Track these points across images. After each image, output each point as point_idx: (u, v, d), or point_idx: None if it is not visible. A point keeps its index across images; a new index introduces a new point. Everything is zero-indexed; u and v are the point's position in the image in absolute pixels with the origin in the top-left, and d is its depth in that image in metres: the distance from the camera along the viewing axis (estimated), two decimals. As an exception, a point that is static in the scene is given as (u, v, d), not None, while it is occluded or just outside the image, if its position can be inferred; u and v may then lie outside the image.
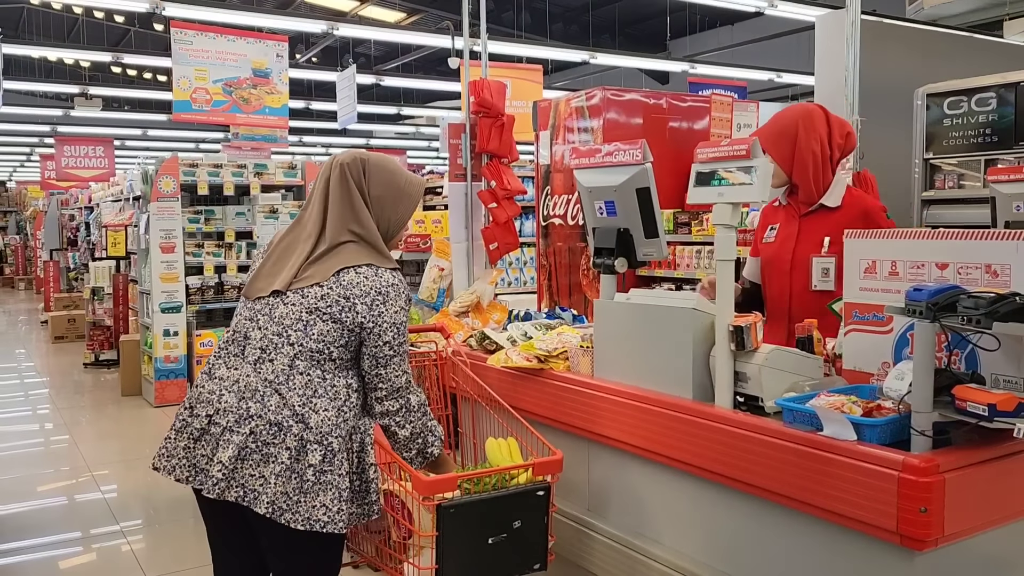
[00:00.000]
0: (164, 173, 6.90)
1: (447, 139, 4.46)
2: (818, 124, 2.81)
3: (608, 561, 2.60)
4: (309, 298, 2.06)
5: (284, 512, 1.97)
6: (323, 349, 2.05)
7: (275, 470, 1.97)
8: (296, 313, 2.06)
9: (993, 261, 1.98)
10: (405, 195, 2.22)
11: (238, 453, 1.98)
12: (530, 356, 2.88)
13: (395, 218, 2.21)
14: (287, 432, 1.99)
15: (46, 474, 5.29)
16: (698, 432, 2.25)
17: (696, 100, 5.20)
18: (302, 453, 1.99)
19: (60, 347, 10.63)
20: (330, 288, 2.06)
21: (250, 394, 2.03)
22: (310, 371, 2.04)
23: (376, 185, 2.18)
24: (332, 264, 2.09)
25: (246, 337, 2.11)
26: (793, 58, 11.89)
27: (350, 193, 2.15)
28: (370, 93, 15.21)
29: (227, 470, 1.98)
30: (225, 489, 1.98)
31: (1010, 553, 1.97)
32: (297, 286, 2.08)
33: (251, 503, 1.97)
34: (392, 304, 2.09)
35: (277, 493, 1.97)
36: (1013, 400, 1.73)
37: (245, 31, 7.98)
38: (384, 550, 2.42)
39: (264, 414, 2.00)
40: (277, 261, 2.16)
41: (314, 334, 2.04)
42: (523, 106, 8.40)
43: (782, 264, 2.89)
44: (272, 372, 2.04)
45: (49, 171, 17.16)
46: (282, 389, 2.02)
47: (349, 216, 2.14)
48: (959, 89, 5.22)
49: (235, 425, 2.00)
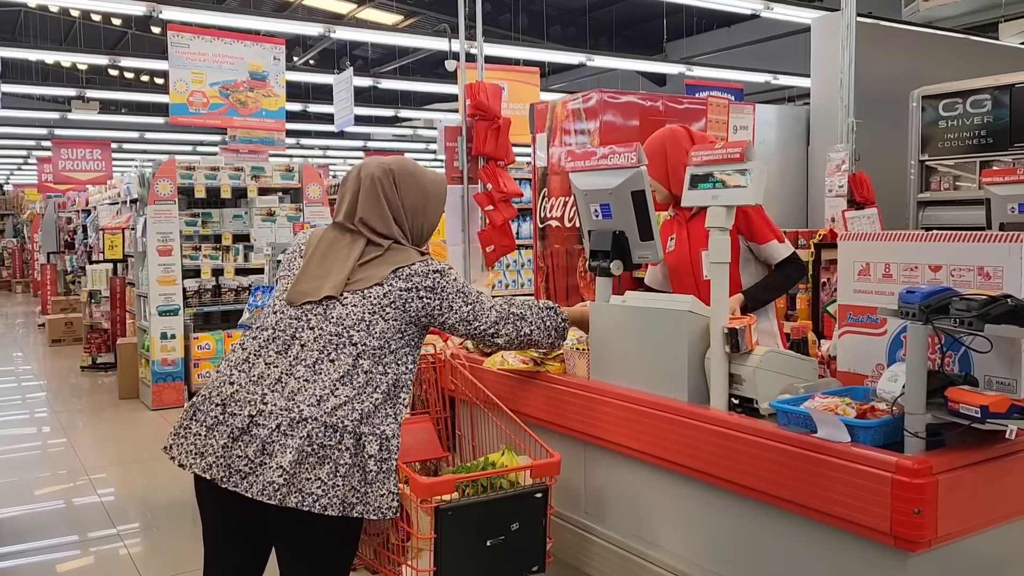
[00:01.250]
0: (161, 176, 6.90)
1: (443, 142, 4.47)
2: (682, 140, 3.14)
3: (605, 564, 2.61)
4: (371, 298, 2.14)
5: (355, 506, 2.00)
6: (384, 345, 2.12)
7: (341, 471, 1.98)
8: (358, 314, 2.12)
9: (985, 263, 1.99)
10: (433, 196, 2.33)
11: (297, 456, 1.96)
12: (526, 359, 2.89)
13: (428, 221, 2.34)
14: (343, 432, 2.00)
15: (43, 478, 5.29)
16: (693, 434, 2.26)
17: (693, 102, 5.21)
18: (359, 446, 2.02)
19: (57, 350, 10.62)
20: (391, 285, 2.16)
21: (303, 397, 2.01)
22: (375, 367, 2.10)
23: (408, 195, 2.28)
24: (387, 266, 2.19)
25: (294, 337, 2.11)
26: (789, 60, 11.91)
27: (384, 203, 2.25)
28: (367, 96, 15.21)
29: (288, 475, 1.94)
30: (286, 495, 1.94)
31: (1004, 554, 1.98)
32: (354, 288, 2.16)
33: (312, 507, 1.94)
34: (448, 277, 2.24)
35: (347, 491, 1.98)
36: (1006, 402, 1.74)
37: (242, 34, 7.98)
38: (382, 553, 2.42)
39: (320, 416, 1.99)
40: (320, 265, 2.21)
41: (376, 332, 2.11)
42: (520, 108, 8.41)
43: (684, 266, 3.21)
44: (329, 373, 2.05)
45: (46, 174, 17.13)
46: (338, 388, 2.04)
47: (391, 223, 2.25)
48: (954, 91, 5.24)
49: (289, 429, 1.97)
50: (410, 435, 2.77)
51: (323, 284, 2.16)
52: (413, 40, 12.13)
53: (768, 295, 3.11)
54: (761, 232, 3.07)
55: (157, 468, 5.30)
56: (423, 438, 2.79)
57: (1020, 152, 4.85)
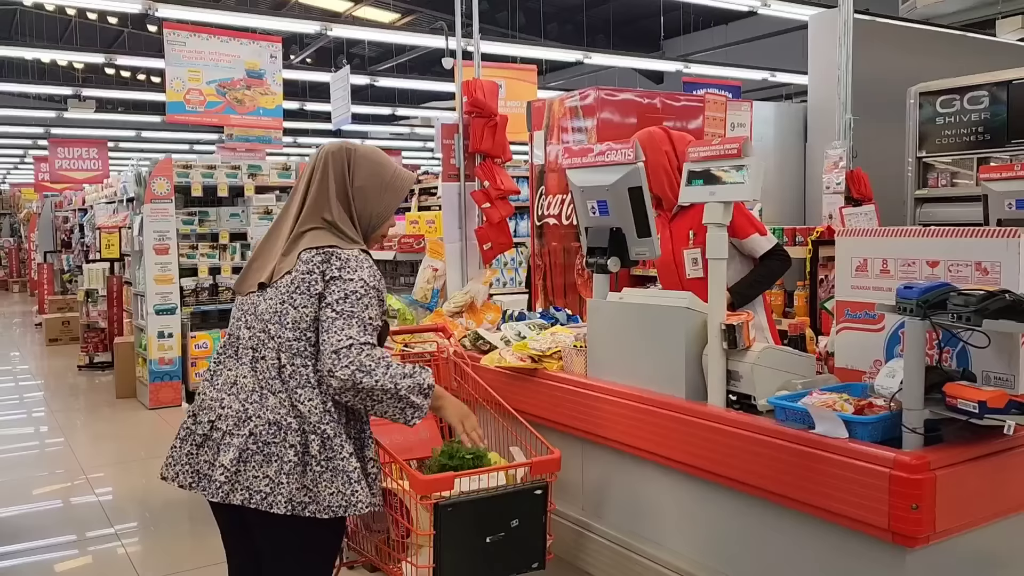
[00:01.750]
0: (158, 175, 6.88)
1: (440, 139, 4.46)
2: (660, 142, 3.15)
3: (603, 561, 2.61)
4: (281, 289, 2.06)
5: (307, 506, 1.98)
6: (299, 336, 2.03)
7: (285, 468, 1.98)
8: (273, 307, 2.06)
9: (983, 259, 1.98)
10: (391, 188, 2.20)
11: (239, 455, 1.98)
12: (524, 356, 2.89)
13: (378, 210, 2.19)
14: (287, 429, 1.99)
15: (41, 477, 5.28)
16: (691, 431, 2.26)
17: (690, 100, 5.21)
18: (307, 446, 2.00)
19: (54, 350, 10.60)
20: (297, 271, 2.05)
21: (246, 395, 2.04)
22: (293, 361, 2.03)
23: (361, 176, 2.16)
24: (298, 249, 2.08)
25: (238, 338, 2.12)
26: (787, 57, 11.89)
27: (329, 182, 2.14)
28: (364, 94, 15.20)
29: (229, 473, 1.98)
30: (229, 492, 1.98)
31: (1001, 549, 1.98)
32: (276, 278, 2.08)
33: (259, 504, 1.97)
34: (348, 270, 2.02)
35: (294, 490, 1.97)
36: (1003, 397, 1.74)
37: (239, 32, 7.96)
38: (383, 549, 2.42)
39: (262, 414, 2.01)
40: (259, 256, 2.17)
41: (288, 323, 2.03)
42: (518, 106, 8.40)
43: (668, 264, 3.26)
44: (264, 370, 2.05)
45: (43, 173, 17.09)
46: (275, 385, 2.03)
47: (323, 204, 2.13)
48: (952, 88, 5.23)
49: (234, 428, 2.01)
50: (411, 432, 2.76)
51: (259, 276, 2.12)
52: (410, 38, 12.11)
53: (753, 290, 3.13)
54: (741, 227, 3.09)
55: (154, 467, 5.28)
56: (424, 436, 2.79)
57: (1017, 148, 4.85)
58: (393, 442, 2.53)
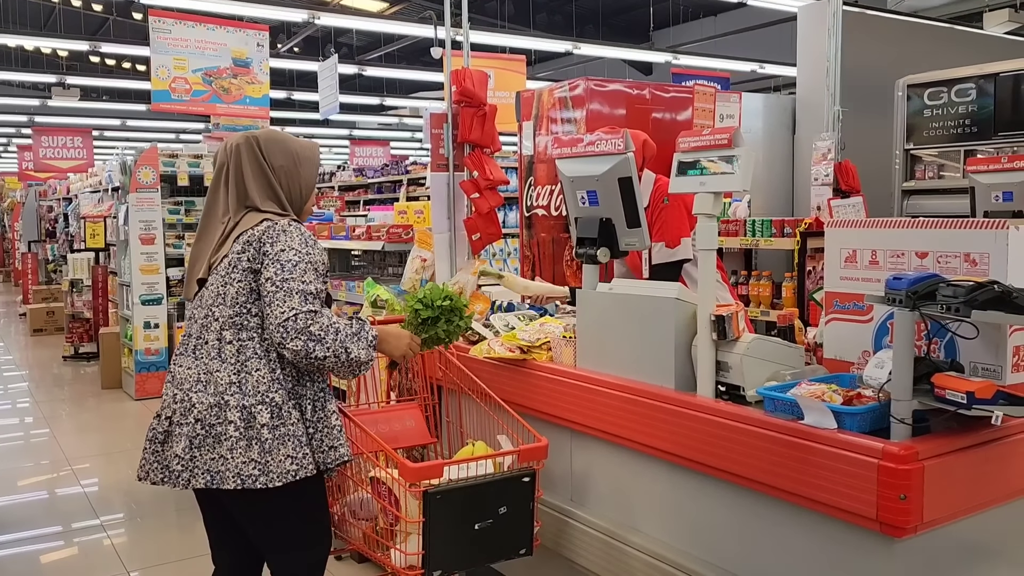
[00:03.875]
0: (143, 164, 6.83)
1: (429, 129, 4.43)
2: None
3: (591, 551, 2.61)
4: (220, 272, 2.14)
5: (258, 478, 2.03)
6: (240, 311, 2.10)
7: (228, 445, 2.04)
8: (215, 290, 2.13)
9: (972, 250, 1.99)
10: (304, 159, 2.28)
11: (190, 443, 2.06)
12: (512, 347, 2.88)
13: (303, 183, 2.27)
14: (226, 408, 2.05)
15: (26, 468, 5.24)
16: (680, 421, 2.26)
17: (679, 91, 5.20)
18: (250, 419, 2.04)
19: (39, 340, 10.52)
20: (233, 252, 2.12)
21: (190, 384, 2.10)
22: (239, 336, 2.09)
23: (276, 157, 2.23)
24: (234, 236, 2.16)
25: (189, 335, 2.20)
26: (776, 49, 11.91)
27: (244, 172, 2.21)
28: (353, 83, 15.13)
29: (184, 460, 2.06)
30: (190, 479, 2.06)
31: (989, 539, 1.99)
32: (213, 268, 2.17)
33: (217, 484, 2.04)
34: (280, 242, 2.07)
35: (240, 464, 2.03)
36: (991, 388, 1.75)
37: (225, 20, 7.89)
38: (371, 537, 2.42)
39: (204, 399, 2.07)
40: (195, 259, 2.25)
41: (228, 300, 2.10)
42: (506, 96, 8.37)
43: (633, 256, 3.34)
44: (206, 353, 2.11)
45: (27, 162, 16.92)
46: (214, 365, 2.08)
47: (243, 194, 2.20)
48: (939, 80, 5.25)
49: (181, 418, 2.09)
50: (398, 422, 2.77)
51: (194, 278, 2.22)
52: (399, 27, 12.05)
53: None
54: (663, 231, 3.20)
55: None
56: (411, 425, 2.79)
57: (1004, 141, 4.87)
58: (380, 431, 2.53)
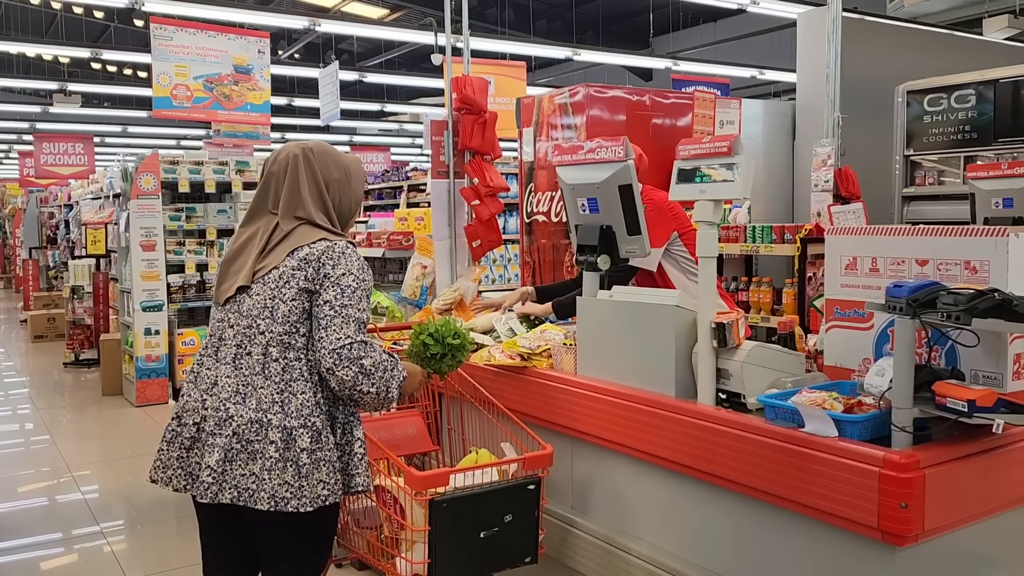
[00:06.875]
0: (144, 170, 6.83)
1: (429, 136, 4.44)
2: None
3: (592, 558, 2.60)
4: (270, 284, 2.09)
5: (289, 500, 1.99)
6: (290, 330, 2.06)
7: (266, 465, 1.99)
8: (262, 302, 2.09)
9: (972, 257, 1.99)
10: (354, 173, 2.28)
11: (224, 455, 2.01)
12: (513, 354, 2.88)
13: (353, 197, 2.27)
14: (268, 427, 2.01)
15: (26, 475, 5.24)
16: (681, 429, 2.25)
17: (679, 97, 5.21)
18: (290, 441, 2.01)
19: (40, 346, 10.51)
20: (286, 266, 2.08)
21: (228, 395, 2.05)
22: (285, 355, 2.06)
23: (330, 170, 2.22)
24: (286, 247, 2.12)
25: (220, 339, 2.14)
26: (775, 55, 11.94)
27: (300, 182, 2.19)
28: (353, 90, 15.15)
29: (216, 473, 2.01)
30: (218, 492, 2.00)
31: (990, 548, 1.99)
32: (259, 275, 2.11)
33: (247, 502, 1.99)
34: (342, 266, 2.06)
35: (275, 485, 1.99)
36: (992, 396, 1.75)
37: (226, 27, 7.91)
38: (376, 545, 2.42)
39: (244, 413, 2.02)
40: (235, 259, 2.20)
41: (279, 317, 2.06)
42: (507, 103, 8.38)
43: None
44: (249, 366, 2.06)
45: (28, 168, 16.96)
46: (258, 381, 2.04)
47: (297, 203, 2.17)
48: (939, 86, 5.26)
49: (216, 428, 2.03)
50: (400, 429, 2.77)
51: (236, 280, 2.16)
52: (399, 34, 12.07)
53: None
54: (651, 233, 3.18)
55: (141, 465, 5.25)
56: (412, 432, 2.79)
57: (1004, 147, 4.87)
58: (382, 439, 2.53)
